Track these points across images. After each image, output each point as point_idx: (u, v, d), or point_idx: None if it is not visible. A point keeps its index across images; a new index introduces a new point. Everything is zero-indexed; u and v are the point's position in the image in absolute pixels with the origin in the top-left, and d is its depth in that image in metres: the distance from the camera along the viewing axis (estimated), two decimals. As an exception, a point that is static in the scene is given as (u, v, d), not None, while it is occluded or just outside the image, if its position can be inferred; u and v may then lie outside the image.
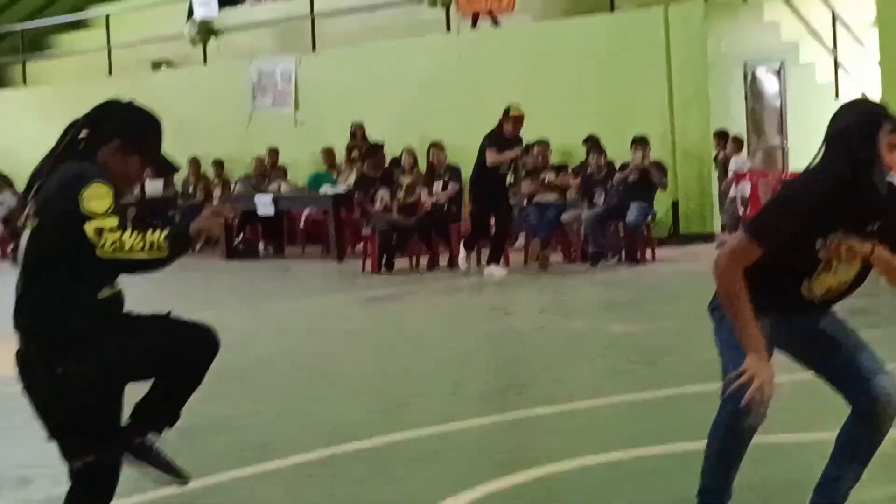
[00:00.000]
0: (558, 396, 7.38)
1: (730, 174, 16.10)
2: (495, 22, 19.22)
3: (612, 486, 5.45)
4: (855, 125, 4.18)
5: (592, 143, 16.07)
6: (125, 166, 4.15)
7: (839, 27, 18.50)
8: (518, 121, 14.53)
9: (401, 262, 15.88)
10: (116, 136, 4.13)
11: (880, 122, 4.17)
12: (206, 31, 22.49)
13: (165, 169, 4.58)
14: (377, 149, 16.98)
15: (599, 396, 7.26)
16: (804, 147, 17.47)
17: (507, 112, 14.54)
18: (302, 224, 19.59)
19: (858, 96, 4.45)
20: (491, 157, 14.44)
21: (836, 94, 18.52)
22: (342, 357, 9.45)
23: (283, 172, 20.17)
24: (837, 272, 4.22)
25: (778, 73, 17.76)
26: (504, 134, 14.51)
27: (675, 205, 17.23)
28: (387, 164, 17.77)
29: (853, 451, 4.36)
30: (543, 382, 8.04)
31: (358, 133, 19.18)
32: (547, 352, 9.31)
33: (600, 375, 8.17)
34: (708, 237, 16.54)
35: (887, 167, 4.15)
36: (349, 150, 19.02)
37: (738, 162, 16.01)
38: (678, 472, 5.26)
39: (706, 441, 4.33)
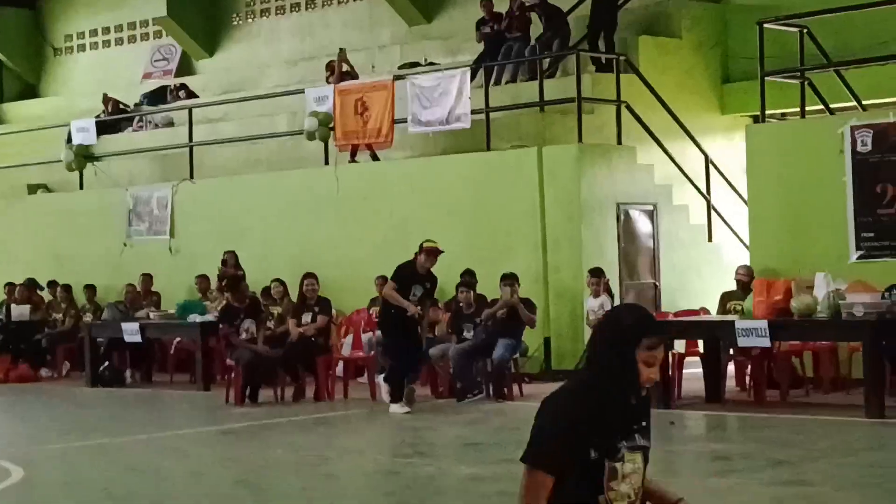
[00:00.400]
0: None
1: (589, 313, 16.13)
2: (374, 157, 19.25)
3: None
4: (611, 341, 4.06)
5: (463, 279, 16.00)
6: None
7: (712, 171, 18.81)
8: (431, 254, 14.37)
9: (267, 393, 15.62)
10: None
11: (639, 338, 4.02)
12: (84, 158, 22.27)
13: None
14: (237, 280, 16.76)
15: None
16: (677, 286, 17.73)
17: (421, 246, 14.42)
18: (172, 351, 19.28)
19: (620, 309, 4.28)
20: (386, 290, 14.40)
21: (710, 237, 18.77)
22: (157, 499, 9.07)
23: (156, 299, 19.91)
24: (627, 478, 4.05)
25: (651, 214, 17.92)
26: (416, 268, 14.37)
27: (546, 341, 17.19)
28: (258, 294, 17.60)
29: None
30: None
31: (229, 261, 19.00)
32: (383, 496, 9.06)
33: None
34: (578, 376, 16.48)
35: (642, 383, 4.05)
36: (220, 278, 18.79)
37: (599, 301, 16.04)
38: None
39: None
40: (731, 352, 14.52)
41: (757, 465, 10.03)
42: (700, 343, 14.66)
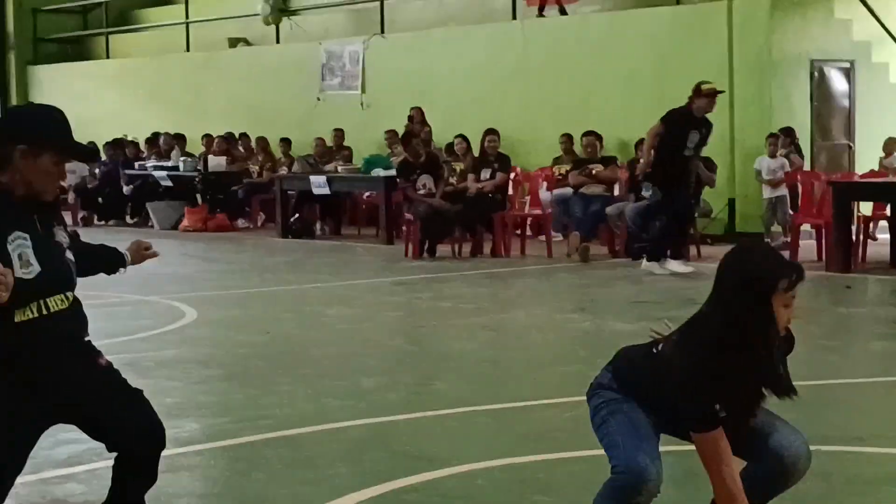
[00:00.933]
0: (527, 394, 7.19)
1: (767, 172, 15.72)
2: (563, 11, 18.96)
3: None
4: (746, 289, 3.82)
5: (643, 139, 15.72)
6: (38, 167, 4.00)
7: (916, 28, 17.93)
8: (710, 96, 13.28)
9: (445, 249, 15.79)
10: (19, 144, 3.99)
11: (775, 284, 3.79)
12: (280, 11, 22.56)
13: (83, 156, 4.48)
14: (410, 135, 16.73)
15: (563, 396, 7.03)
16: (873, 148, 17.08)
17: (698, 87, 13.32)
18: (363, 206, 19.61)
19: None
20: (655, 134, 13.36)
21: (910, 96, 17.99)
22: (309, 343, 9.29)
23: (347, 153, 20.19)
24: None
25: (847, 72, 17.24)
26: (693, 112, 13.37)
27: (731, 203, 16.84)
28: (443, 149, 17.68)
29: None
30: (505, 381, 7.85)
31: (415, 116, 19.06)
32: (534, 349, 9.09)
33: (567, 377, 7.94)
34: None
35: (780, 328, 3.86)
36: (406, 134, 18.91)
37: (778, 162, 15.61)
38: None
39: None
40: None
41: (920, 330, 9.71)
42: (888, 207, 14.17)
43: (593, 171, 15.78)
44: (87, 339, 4.10)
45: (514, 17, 19.22)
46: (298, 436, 6.24)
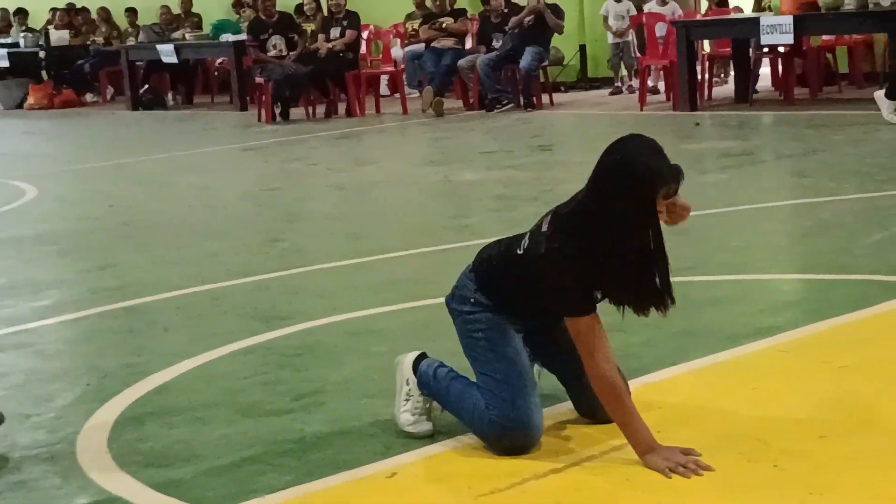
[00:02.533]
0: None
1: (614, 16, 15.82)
2: None
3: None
4: (625, 196, 3.65)
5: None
6: None
7: None
8: None
9: (300, 112, 15.67)
10: None
11: (657, 189, 3.62)
12: None
13: None
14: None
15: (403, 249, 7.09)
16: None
17: None
18: (215, 73, 19.33)
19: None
20: None
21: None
22: (153, 213, 9.23)
23: (196, 20, 19.81)
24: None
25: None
26: None
27: (582, 49, 16.93)
28: (292, 11, 17.41)
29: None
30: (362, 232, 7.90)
31: (253, -22, 18.75)
32: (381, 204, 9.13)
33: (412, 228, 8.00)
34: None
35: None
36: (243, -5, 18.68)
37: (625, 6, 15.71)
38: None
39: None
40: (766, 50, 14.21)
41: (757, 160, 9.93)
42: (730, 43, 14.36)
43: (444, 25, 15.71)
44: None
45: None
46: (137, 306, 6.20)
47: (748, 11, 15.37)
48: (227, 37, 17.31)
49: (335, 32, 15.61)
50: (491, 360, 3.84)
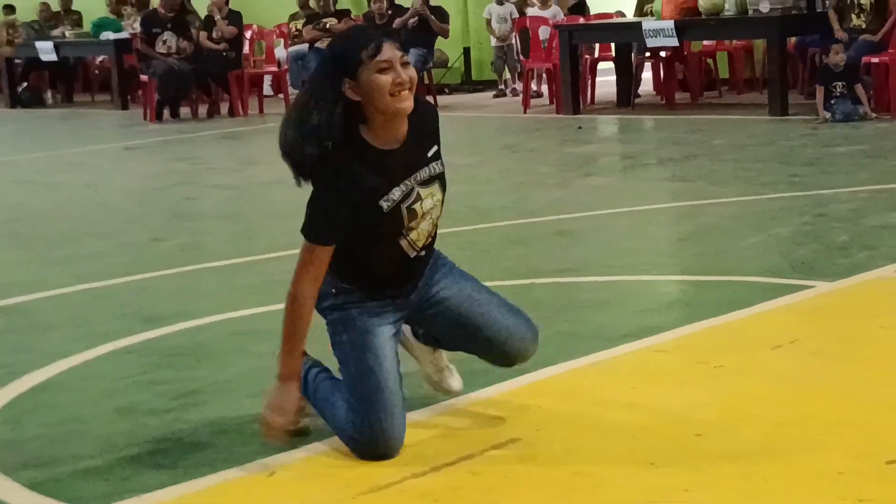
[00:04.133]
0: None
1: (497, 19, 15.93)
2: None
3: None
4: (322, 81, 3.64)
5: (376, -12, 15.67)
6: None
7: None
8: None
9: (184, 112, 15.54)
10: None
11: (359, 58, 3.57)
12: None
13: None
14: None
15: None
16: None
17: None
18: (96, 71, 19.07)
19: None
20: None
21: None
22: (33, 212, 9.08)
23: (76, 17, 19.52)
24: (426, 214, 3.77)
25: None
26: None
27: (466, 51, 17.01)
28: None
29: None
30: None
31: (139, -25, 18.56)
32: (266, 204, 9.08)
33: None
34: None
35: (390, 96, 3.59)
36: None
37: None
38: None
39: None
40: (648, 55, 14.41)
41: (638, 164, 10.07)
42: (612, 47, 14.54)
43: (328, 25, 15.68)
44: None
45: None
46: (15, 305, 6.09)
47: (630, 16, 15.56)
48: (109, 35, 17.09)
49: (216, 32, 15.49)
50: (350, 367, 3.78)
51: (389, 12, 15.16)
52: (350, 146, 3.66)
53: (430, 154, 3.77)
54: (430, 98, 15.02)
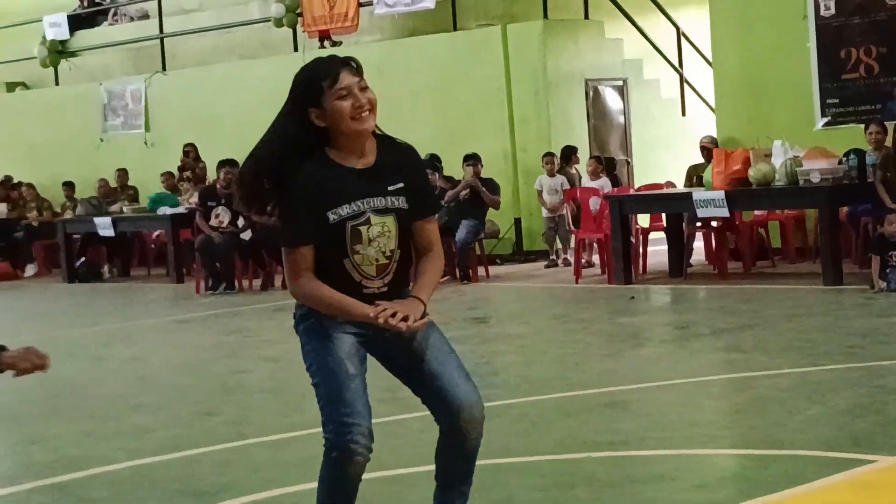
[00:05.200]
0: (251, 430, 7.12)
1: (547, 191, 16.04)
2: (334, 42, 19.03)
3: None
4: (288, 107, 4.04)
5: (428, 162, 15.86)
6: None
7: (684, 44, 18.53)
8: None
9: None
10: None
11: (320, 87, 3.95)
12: (58, 53, 22.13)
13: None
14: (230, 163, 16.02)
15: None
16: (650, 162, 17.56)
17: None
18: (153, 245, 19.31)
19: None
20: None
21: (683, 111, 18.57)
22: (83, 385, 9.10)
23: (133, 193, 19.86)
24: (373, 242, 4.00)
25: (621, 89, 17.71)
26: None
27: (517, 222, 17.11)
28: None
29: (450, 470, 4.18)
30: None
31: (190, 153, 18.94)
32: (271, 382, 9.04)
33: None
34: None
35: (352, 118, 3.94)
36: (180, 170, 18.82)
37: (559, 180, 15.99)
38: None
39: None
40: (699, 224, 14.42)
41: (691, 334, 9.98)
42: (664, 217, 14.57)
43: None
44: None
45: (296, 49, 19.20)
46: (66, 482, 6.07)
47: (680, 186, 15.64)
48: (165, 209, 17.36)
49: (271, 207, 15.65)
50: (315, 372, 4.03)
51: (441, 184, 15.32)
52: (315, 161, 3.95)
53: (392, 188, 4.03)
54: (481, 269, 15.10)
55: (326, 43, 19.03)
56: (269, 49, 20.08)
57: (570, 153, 16.43)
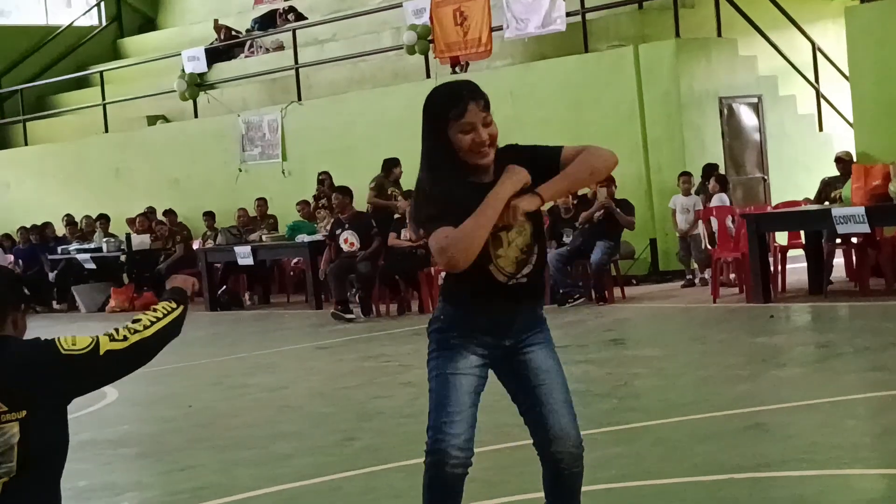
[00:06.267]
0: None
1: (681, 210, 15.92)
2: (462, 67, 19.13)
3: None
4: (425, 127, 4.11)
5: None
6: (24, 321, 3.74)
7: (821, 59, 18.25)
8: None
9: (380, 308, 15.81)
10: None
11: (447, 117, 4.00)
12: (196, 86, 22.63)
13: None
14: (342, 190, 16.49)
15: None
16: (787, 179, 17.33)
17: None
18: (291, 273, 19.59)
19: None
20: None
21: (820, 127, 18.28)
22: (225, 414, 9.26)
23: (272, 221, 20.18)
24: (512, 243, 4.05)
25: (756, 107, 17.50)
26: None
27: (652, 242, 16.99)
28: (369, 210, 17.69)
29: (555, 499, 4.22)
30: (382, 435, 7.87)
31: (325, 181, 19.17)
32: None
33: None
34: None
35: (471, 151, 4.01)
36: (316, 198, 19.07)
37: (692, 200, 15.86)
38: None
39: None
40: (839, 241, 14.18)
41: (833, 354, 9.81)
42: (802, 234, 14.36)
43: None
44: None
45: (428, 76, 19.36)
46: (210, 509, 6.20)
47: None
48: (303, 237, 17.61)
49: (405, 232, 15.82)
50: (431, 379, 4.21)
51: (575, 203, 15.29)
52: (455, 174, 4.06)
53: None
54: (617, 290, 15.03)
55: (458, 69, 19.14)
56: (401, 77, 20.29)
57: (710, 171, 16.26)
